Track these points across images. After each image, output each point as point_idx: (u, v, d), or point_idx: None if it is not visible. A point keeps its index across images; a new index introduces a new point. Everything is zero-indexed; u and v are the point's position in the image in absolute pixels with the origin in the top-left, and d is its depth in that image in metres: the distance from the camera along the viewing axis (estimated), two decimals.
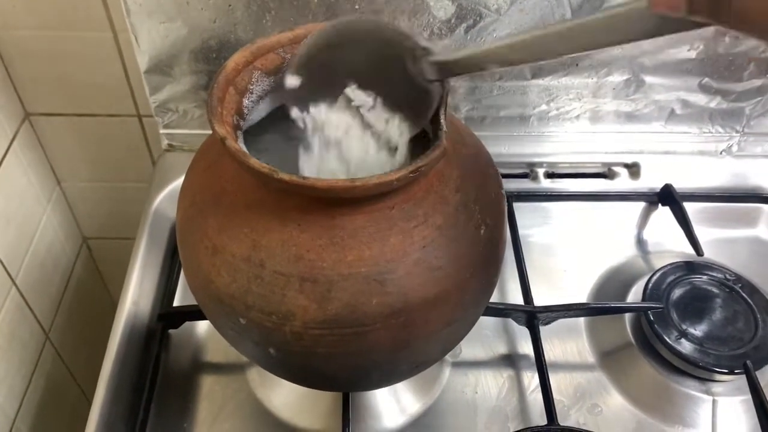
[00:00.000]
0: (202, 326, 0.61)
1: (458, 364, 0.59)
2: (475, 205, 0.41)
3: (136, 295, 0.60)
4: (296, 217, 0.37)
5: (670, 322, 0.59)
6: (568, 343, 0.62)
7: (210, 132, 0.39)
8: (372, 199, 0.37)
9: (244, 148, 0.38)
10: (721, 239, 0.71)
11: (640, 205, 0.72)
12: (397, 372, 0.44)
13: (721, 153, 0.74)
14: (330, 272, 0.37)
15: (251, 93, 0.42)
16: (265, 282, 0.37)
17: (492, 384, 0.58)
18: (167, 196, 0.68)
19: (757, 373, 0.55)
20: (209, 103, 0.38)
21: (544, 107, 0.69)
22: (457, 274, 0.39)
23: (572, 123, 0.71)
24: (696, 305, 0.61)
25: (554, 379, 0.57)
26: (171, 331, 0.60)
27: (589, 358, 0.61)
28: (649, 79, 0.67)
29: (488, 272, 0.42)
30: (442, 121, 0.39)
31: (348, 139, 0.41)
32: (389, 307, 0.37)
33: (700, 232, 0.66)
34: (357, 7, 0.58)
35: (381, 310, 0.37)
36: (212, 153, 0.42)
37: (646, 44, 0.64)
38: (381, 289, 0.37)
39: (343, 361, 0.40)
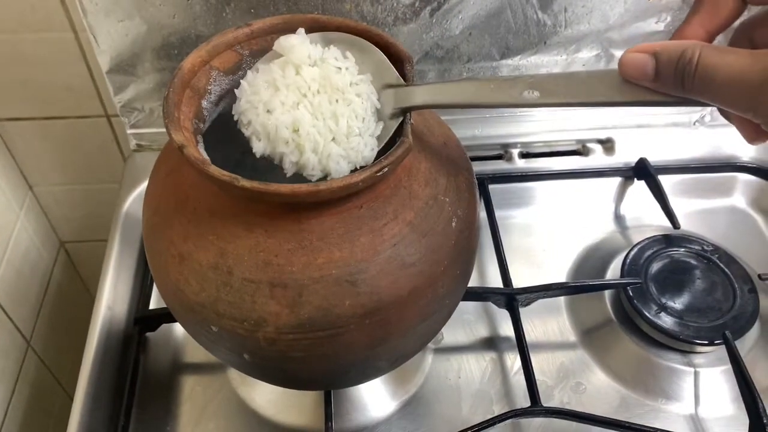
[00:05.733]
0: (180, 327, 0.60)
1: (440, 351, 0.59)
2: (446, 197, 0.41)
3: (111, 299, 0.59)
4: (262, 223, 0.36)
5: (649, 297, 0.59)
6: (549, 323, 0.62)
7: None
8: (339, 200, 0.36)
9: (204, 154, 0.37)
10: (697, 210, 0.71)
11: (616, 181, 0.71)
12: (376, 368, 0.43)
13: (694, 124, 0.74)
14: (300, 276, 0.36)
15: (210, 94, 0.41)
16: (235, 289, 0.37)
17: (475, 368, 0.58)
18: (138, 198, 0.66)
19: (736, 342, 0.55)
20: (165, 109, 0.37)
21: None
22: (431, 269, 0.39)
23: None
24: (674, 278, 0.61)
25: (537, 360, 0.57)
26: (149, 333, 0.59)
27: (571, 336, 0.61)
28: (618, 53, 0.65)
29: (462, 264, 0.42)
30: (407, 116, 0.38)
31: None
32: (363, 308, 0.37)
33: (677, 204, 0.66)
34: None
35: (354, 311, 0.37)
36: (173, 158, 0.41)
37: (614, 18, 0.63)
38: (353, 290, 0.37)
39: (319, 363, 0.39)
